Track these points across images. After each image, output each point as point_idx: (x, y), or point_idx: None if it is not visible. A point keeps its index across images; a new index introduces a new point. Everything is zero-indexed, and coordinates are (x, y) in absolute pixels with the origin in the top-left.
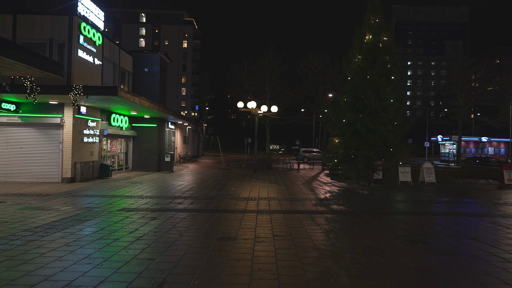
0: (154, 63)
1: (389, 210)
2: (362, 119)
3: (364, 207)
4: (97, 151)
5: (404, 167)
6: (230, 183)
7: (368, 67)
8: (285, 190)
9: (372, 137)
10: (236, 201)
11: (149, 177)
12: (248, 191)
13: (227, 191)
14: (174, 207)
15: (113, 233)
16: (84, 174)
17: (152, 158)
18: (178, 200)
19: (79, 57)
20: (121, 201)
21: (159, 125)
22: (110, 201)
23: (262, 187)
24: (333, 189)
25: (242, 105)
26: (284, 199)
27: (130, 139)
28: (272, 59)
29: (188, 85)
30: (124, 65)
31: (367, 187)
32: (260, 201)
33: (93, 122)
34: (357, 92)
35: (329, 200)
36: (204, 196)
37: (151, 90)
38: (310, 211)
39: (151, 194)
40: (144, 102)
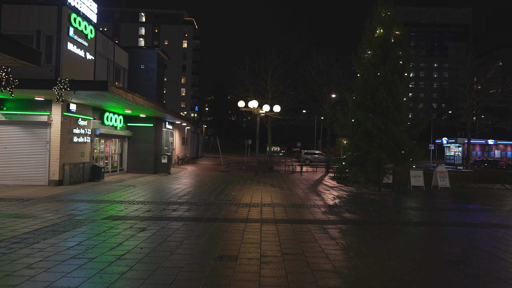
0: (151, 59)
1: (409, 220)
2: (373, 119)
3: (379, 215)
4: (89, 151)
5: (416, 170)
6: (230, 186)
7: (379, 63)
8: (289, 195)
9: (384, 138)
10: (237, 207)
11: (144, 179)
12: (250, 196)
13: (227, 196)
14: (168, 214)
15: (90, 250)
16: (73, 176)
17: (148, 159)
18: (173, 207)
19: (69, 50)
20: (109, 207)
21: (155, 125)
22: (97, 207)
23: (264, 191)
24: (341, 194)
25: (243, 104)
26: (289, 205)
27: (125, 140)
28: (274, 58)
29: (188, 86)
30: (119, 61)
31: (377, 192)
32: (263, 208)
33: (84, 120)
34: (367, 90)
35: (339, 207)
36: (201, 202)
37: (147, 88)
38: (321, 221)
39: (144, 199)
40: (138, 99)
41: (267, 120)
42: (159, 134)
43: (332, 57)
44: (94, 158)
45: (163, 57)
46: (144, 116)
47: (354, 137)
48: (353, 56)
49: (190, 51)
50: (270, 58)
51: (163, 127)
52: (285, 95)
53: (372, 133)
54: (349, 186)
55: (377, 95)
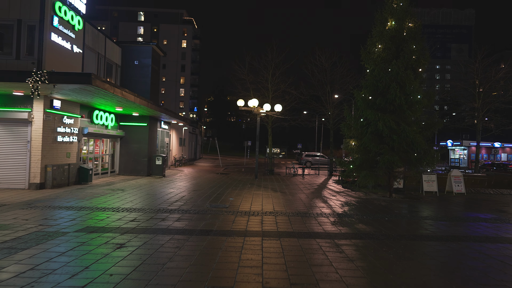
0: (145, 55)
1: (433, 233)
2: (384, 118)
3: (397, 227)
4: (75, 152)
5: (429, 175)
6: (228, 191)
7: (390, 58)
8: (292, 201)
9: (396, 139)
10: (235, 216)
11: (135, 182)
12: (249, 203)
13: (224, 202)
14: (154, 225)
15: (44, 278)
16: (57, 179)
17: (142, 161)
18: (162, 215)
19: (53, 42)
20: (89, 216)
21: (150, 125)
22: (75, 216)
23: (265, 196)
24: (349, 201)
25: (242, 103)
26: (294, 214)
27: (117, 140)
28: (275, 56)
29: (187, 86)
30: (111, 56)
31: (388, 198)
32: (264, 217)
33: (70, 118)
34: (377, 87)
35: (350, 217)
36: (195, 209)
37: (141, 85)
38: (332, 234)
39: (130, 206)
40: (128, 95)
41: (268, 121)
42: (154, 134)
43: (336, 55)
44: (82, 159)
45: (159, 52)
46: (137, 115)
47: (363, 138)
48: (362, 50)
49: (190, 51)
50: (271, 55)
51: (158, 127)
52: (286, 94)
53: (383, 134)
54: (356, 191)
55: (389, 92)
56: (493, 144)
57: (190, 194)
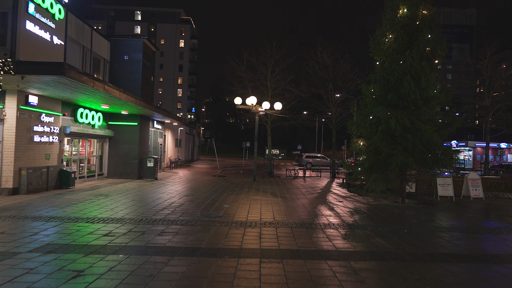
0: (136, 49)
1: (470, 251)
2: (397, 115)
3: (422, 243)
4: (56, 153)
5: (444, 178)
6: (224, 196)
7: (403, 48)
8: (295, 207)
9: (411, 138)
10: (229, 228)
11: (123, 186)
12: (246, 210)
13: (218, 209)
14: (130, 241)
15: None
16: (33, 183)
17: (132, 163)
18: (143, 227)
19: (28, 31)
20: (56, 230)
21: (141, 124)
22: (39, 230)
23: (264, 202)
24: (358, 207)
25: (240, 101)
26: (297, 224)
27: (106, 140)
28: (274, 52)
29: (185, 86)
30: (99, 50)
31: (401, 204)
32: (263, 229)
33: (50, 116)
34: (388, 81)
35: (363, 228)
36: (184, 219)
37: (132, 82)
38: (346, 253)
39: (109, 215)
40: (112, 91)
41: (267, 120)
42: (145, 134)
43: (339, 51)
44: (63, 161)
45: (151, 47)
46: (126, 114)
47: (373, 138)
48: (371, 40)
49: (187, 50)
50: (270, 51)
51: (151, 126)
52: (286, 92)
53: (395, 133)
54: (363, 195)
55: (402, 87)
56: (499, 144)
57: (181, 200)
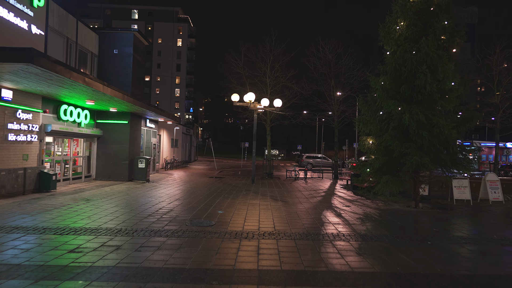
0: (126, 43)
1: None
2: (411, 110)
3: (454, 259)
4: (36, 154)
5: (461, 179)
6: (219, 200)
7: (417, 36)
8: (298, 214)
9: (427, 136)
10: (221, 241)
11: (110, 190)
12: (243, 217)
13: (211, 216)
14: (97, 261)
15: None
16: (6, 186)
17: (122, 164)
18: (119, 240)
19: (0, 17)
20: (12, 243)
21: (131, 122)
22: None
23: (263, 208)
24: (369, 213)
25: (237, 98)
26: (302, 235)
27: (94, 140)
28: (274, 47)
29: (182, 86)
30: (85, 43)
31: (415, 209)
32: (262, 242)
33: (27, 113)
34: (401, 72)
35: (378, 239)
36: (169, 230)
37: (122, 77)
38: (364, 276)
39: (83, 225)
40: (94, 84)
41: (266, 119)
42: (136, 133)
43: (342, 45)
44: (48, 162)
45: (142, 41)
46: (115, 111)
47: (384, 135)
48: (381, 28)
49: (185, 50)
50: (269, 46)
51: (143, 125)
52: (286, 89)
53: (409, 130)
54: (371, 198)
55: (417, 78)
56: (505, 144)
57: (170, 205)
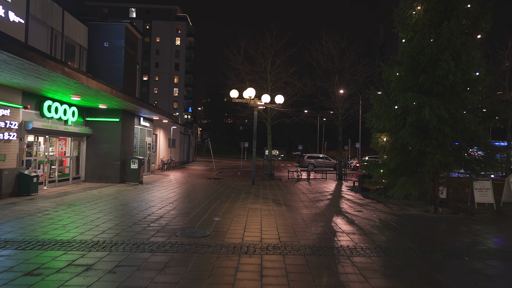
0: (117, 35)
1: None
2: (432, 104)
3: (507, 282)
4: (15, 153)
5: (482, 181)
6: (216, 204)
7: (437, 21)
8: (305, 221)
9: (449, 132)
10: (217, 257)
11: (98, 193)
12: (243, 225)
13: (206, 224)
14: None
15: None
16: None
17: (113, 164)
18: (91, 258)
19: None
20: None
21: (123, 120)
22: None
23: (265, 213)
24: (384, 219)
25: (236, 94)
26: (312, 249)
27: (83, 139)
28: (274, 41)
29: (181, 86)
30: (73, 35)
31: (434, 215)
32: (266, 259)
33: (4, 109)
34: (418, 61)
35: (404, 254)
36: (154, 242)
37: (113, 72)
38: None
39: (53, 237)
40: (76, 75)
41: (266, 117)
42: (129, 132)
43: (346, 40)
44: (24, 163)
45: (134, 33)
46: (105, 108)
47: (400, 132)
48: (395, 13)
49: (184, 49)
50: (270, 41)
51: (136, 123)
52: (288, 86)
53: (429, 126)
54: (383, 202)
55: (439, 67)
56: None
57: (161, 210)
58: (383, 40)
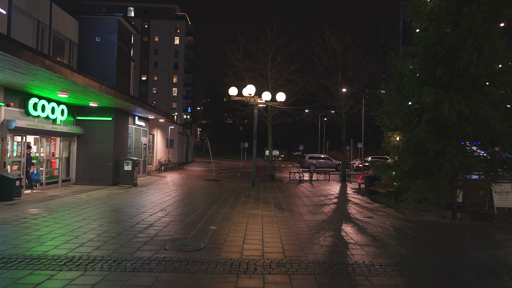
0: (110, 29)
1: None
2: (451, 99)
3: None
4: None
5: (502, 184)
6: (213, 210)
7: (455, 9)
8: (312, 230)
9: (471, 131)
10: (210, 279)
11: (86, 197)
12: (242, 235)
13: (200, 234)
14: None
15: None
16: None
17: (106, 166)
18: (63, 279)
19: None
20: None
21: (116, 119)
22: None
23: (267, 221)
24: (399, 226)
25: (235, 92)
26: (324, 266)
27: (74, 139)
28: (275, 37)
29: (180, 85)
30: (62, 29)
31: (452, 221)
32: (268, 280)
33: None
34: (435, 52)
35: (432, 272)
36: (138, 258)
37: (105, 69)
38: None
39: (23, 251)
40: (59, 69)
41: (267, 116)
42: (122, 131)
43: (350, 35)
44: (5, 164)
45: (128, 28)
46: (96, 106)
47: (415, 130)
48: (409, 2)
49: (183, 48)
50: (271, 37)
51: (130, 123)
52: (289, 83)
53: (448, 123)
54: (393, 206)
55: (459, 59)
56: None
57: (153, 217)
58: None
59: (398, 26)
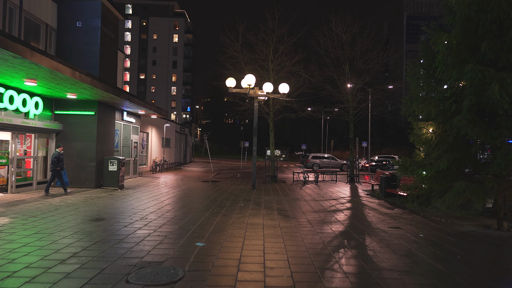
0: (92, 13)
1: None
2: (503, 78)
3: None
4: None
5: None
6: (204, 217)
7: None
8: (326, 246)
9: None
10: None
11: (59, 202)
12: (237, 256)
13: (182, 254)
14: None
15: None
16: None
17: (88, 166)
18: None
19: None
20: None
21: (100, 114)
22: None
23: (269, 233)
24: (439, 241)
25: (233, 83)
26: None
27: (52, 136)
28: (277, 26)
29: (179, 84)
30: (37, 12)
31: (501, 232)
32: None
33: None
34: (478, 23)
35: None
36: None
37: (86, 56)
38: None
39: None
40: (11, 45)
41: (269, 112)
42: (108, 127)
43: (358, 23)
44: None
45: (114, 13)
46: (75, 98)
47: (454, 120)
48: None
49: (182, 46)
50: (272, 25)
51: (118, 118)
52: (293, 76)
53: (498, 110)
54: (418, 212)
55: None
56: None
57: (126, 229)
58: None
59: (402, 23)
